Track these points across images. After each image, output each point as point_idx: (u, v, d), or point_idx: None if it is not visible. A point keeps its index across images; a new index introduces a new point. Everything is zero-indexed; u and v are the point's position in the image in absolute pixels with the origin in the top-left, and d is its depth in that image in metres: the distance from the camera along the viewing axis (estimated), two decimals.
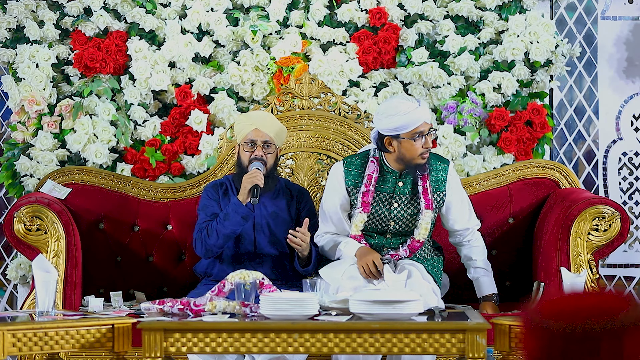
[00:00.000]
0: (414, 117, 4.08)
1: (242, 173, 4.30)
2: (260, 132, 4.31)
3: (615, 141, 5.24)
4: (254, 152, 4.29)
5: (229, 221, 4.19)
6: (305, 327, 3.42)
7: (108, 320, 3.64)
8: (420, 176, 4.16)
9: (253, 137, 4.31)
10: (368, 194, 4.16)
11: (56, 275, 3.69)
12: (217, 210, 4.30)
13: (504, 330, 3.60)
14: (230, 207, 4.22)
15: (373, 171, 4.18)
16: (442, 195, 4.24)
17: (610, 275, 5.22)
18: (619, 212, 4.31)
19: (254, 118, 4.39)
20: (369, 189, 4.16)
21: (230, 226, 4.20)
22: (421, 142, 4.10)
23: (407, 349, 3.39)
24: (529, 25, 5.00)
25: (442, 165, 4.26)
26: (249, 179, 4.21)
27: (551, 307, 1.49)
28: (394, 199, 4.21)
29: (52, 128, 4.92)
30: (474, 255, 4.33)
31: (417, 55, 4.99)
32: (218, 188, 4.39)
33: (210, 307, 3.61)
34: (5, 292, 5.19)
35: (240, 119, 4.43)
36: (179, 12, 5.09)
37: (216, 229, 4.21)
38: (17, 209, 4.29)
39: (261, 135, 4.31)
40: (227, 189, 4.39)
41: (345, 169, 4.24)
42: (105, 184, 4.74)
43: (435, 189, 4.22)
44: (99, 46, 4.98)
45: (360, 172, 4.21)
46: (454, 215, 4.30)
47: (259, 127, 4.32)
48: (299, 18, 5.05)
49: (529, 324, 1.50)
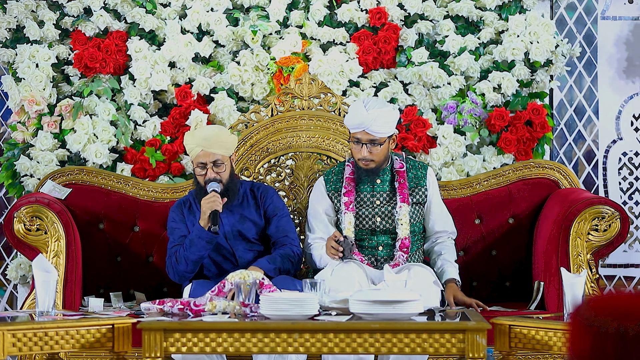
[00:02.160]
0: (350, 118, 4.26)
1: (201, 191, 4.27)
2: (208, 153, 4.24)
3: (615, 141, 5.24)
4: (205, 174, 4.24)
5: (194, 247, 4.18)
6: (305, 327, 3.42)
7: (108, 320, 3.64)
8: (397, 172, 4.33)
9: (202, 160, 4.25)
10: (349, 194, 4.31)
11: (56, 275, 3.69)
12: (185, 232, 4.29)
13: (504, 330, 3.60)
14: (193, 233, 4.19)
15: (350, 173, 4.33)
16: (423, 190, 4.35)
17: (610, 275, 5.23)
18: (619, 212, 4.31)
19: (199, 139, 4.26)
20: (349, 189, 4.31)
21: (196, 252, 4.19)
22: (358, 148, 4.23)
23: (407, 349, 3.39)
24: (529, 25, 5.00)
25: (422, 166, 4.43)
26: (208, 204, 4.16)
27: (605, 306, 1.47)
28: (375, 197, 4.32)
29: (52, 128, 4.92)
30: (443, 251, 4.37)
31: (417, 55, 4.99)
32: (182, 207, 4.36)
33: (210, 307, 3.61)
34: (5, 292, 5.19)
35: (187, 140, 4.31)
36: (179, 12, 5.09)
37: (184, 256, 4.20)
38: (17, 209, 4.29)
39: (209, 156, 4.24)
40: (191, 205, 4.35)
41: (325, 177, 4.41)
42: (105, 184, 4.74)
43: (415, 185, 4.35)
44: (99, 46, 4.98)
45: (339, 179, 4.36)
46: (434, 216, 4.39)
47: (205, 148, 4.23)
48: (299, 18, 5.05)
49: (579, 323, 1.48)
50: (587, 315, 1.48)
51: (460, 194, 4.77)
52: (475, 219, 4.71)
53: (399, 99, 5.01)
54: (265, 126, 4.80)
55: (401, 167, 4.35)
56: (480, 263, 4.67)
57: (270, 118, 4.80)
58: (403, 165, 4.35)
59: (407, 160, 4.41)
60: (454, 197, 4.72)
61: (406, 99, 5.02)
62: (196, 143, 4.26)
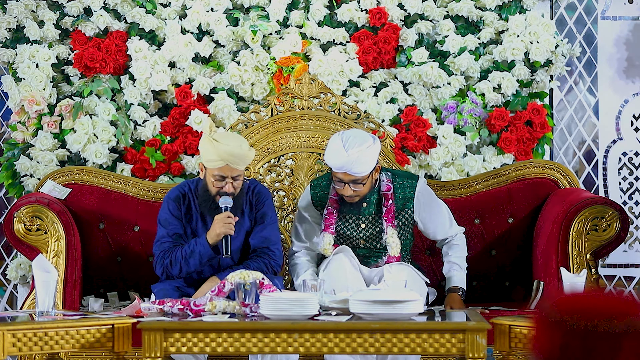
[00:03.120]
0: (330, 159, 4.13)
1: (208, 200, 4.14)
2: (232, 169, 4.09)
3: (615, 141, 5.24)
4: (222, 187, 4.10)
5: (194, 260, 4.11)
6: (305, 327, 3.42)
7: (108, 320, 3.64)
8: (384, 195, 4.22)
9: (224, 173, 4.08)
10: (331, 215, 4.24)
11: (56, 275, 3.69)
12: (180, 230, 4.19)
13: (504, 330, 3.60)
14: (198, 247, 4.09)
15: (335, 194, 4.24)
16: (409, 212, 4.26)
17: (610, 275, 5.22)
18: (619, 212, 4.31)
19: (223, 153, 4.04)
20: (330, 211, 4.24)
21: (194, 266, 4.13)
22: (340, 186, 4.14)
23: (407, 349, 3.39)
24: (529, 25, 5.00)
25: (409, 182, 4.27)
26: (223, 228, 4.04)
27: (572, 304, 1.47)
28: (361, 220, 4.25)
29: (52, 128, 4.92)
30: (451, 251, 4.36)
31: (417, 55, 4.99)
32: (180, 202, 4.21)
33: (210, 307, 3.61)
34: (5, 292, 5.19)
35: (209, 149, 4.07)
36: (179, 12, 5.09)
37: (180, 264, 4.12)
38: (17, 209, 4.29)
39: (232, 171, 4.09)
40: (189, 203, 4.23)
41: (313, 189, 4.32)
42: (105, 184, 4.74)
43: (402, 207, 4.24)
44: (99, 46, 4.98)
45: (325, 194, 4.29)
46: (432, 229, 4.34)
47: (231, 164, 4.07)
48: (299, 18, 5.05)
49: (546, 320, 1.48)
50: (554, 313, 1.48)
51: (460, 193, 4.77)
52: (475, 219, 4.70)
53: (399, 99, 5.01)
54: (265, 126, 4.80)
55: (388, 189, 4.23)
56: (480, 263, 4.66)
57: (270, 118, 4.80)
58: (390, 187, 4.23)
59: (394, 178, 4.26)
60: (454, 197, 4.72)
61: (406, 99, 5.02)
62: (220, 157, 4.05)
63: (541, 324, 1.49)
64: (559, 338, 1.46)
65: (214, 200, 4.14)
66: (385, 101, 5.00)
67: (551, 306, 1.48)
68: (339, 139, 4.10)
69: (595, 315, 1.44)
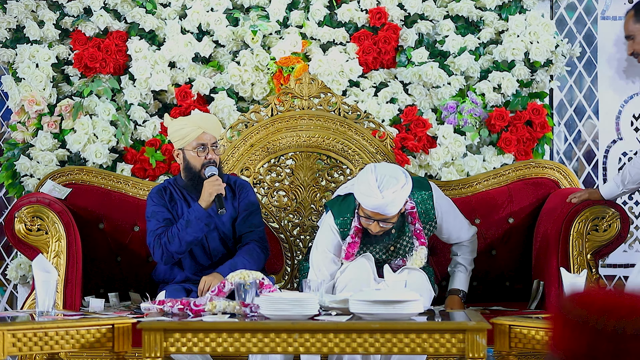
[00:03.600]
0: (364, 200, 3.95)
1: (194, 178, 4.25)
2: (209, 135, 4.26)
3: (615, 141, 5.24)
4: (206, 156, 4.24)
5: (191, 228, 4.16)
6: (305, 327, 3.42)
7: (108, 320, 3.64)
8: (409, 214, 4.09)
9: (203, 141, 4.24)
10: (354, 245, 4.08)
11: (56, 275, 3.69)
12: (169, 215, 4.27)
13: (504, 330, 3.60)
14: (192, 214, 4.17)
15: (360, 223, 4.06)
16: (432, 223, 4.22)
17: (610, 275, 5.22)
18: (619, 212, 4.31)
19: (199, 121, 4.29)
20: (355, 241, 4.08)
21: (193, 233, 4.17)
22: (369, 222, 4.01)
23: (407, 349, 3.39)
24: (529, 25, 5.00)
25: (426, 194, 4.19)
26: (214, 187, 4.16)
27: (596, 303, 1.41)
28: (390, 244, 4.16)
29: (52, 128, 4.92)
30: (460, 252, 4.35)
31: (417, 55, 4.99)
32: (163, 193, 4.33)
33: (210, 307, 3.61)
34: (5, 292, 5.19)
35: (184, 124, 4.28)
36: (179, 12, 5.09)
37: (178, 236, 4.17)
38: (18, 209, 4.29)
39: (209, 138, 4.26)
40: (172, 193, 4.33)
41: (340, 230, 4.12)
42: (105, 184, 4.74)
43: (425, 220, 4.19)
44: (99, 46, 4.99)
45: (347, 221, 4.11)
46: (447, 233, 4.30)
47: (207, 130, 4.26)
48: (299, 18, 5.05)
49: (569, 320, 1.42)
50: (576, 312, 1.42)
51: (460, 193, 4.77)
52: (475, 219, 4.70)
53: (399, 99, 5.01)
54: (265, 126, 4.80)
55: (412, 208, 4.10)
56: (480, 263, 4.66)
57: (270, 118, 4.80)
58: (414, 206, 4.11)
59: (412, 193, 4.08)
60: (454, 197, 4.71)
61: (406, 99, 5.02)
62: (196, 125, 4.25)
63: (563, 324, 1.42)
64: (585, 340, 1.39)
65: (199, 176, 4.24)
66: (385, 101, 5.00)
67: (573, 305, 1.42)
68: (373, 177, 3.93)
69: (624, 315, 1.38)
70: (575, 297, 1.43)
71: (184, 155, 4.28)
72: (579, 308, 1.41)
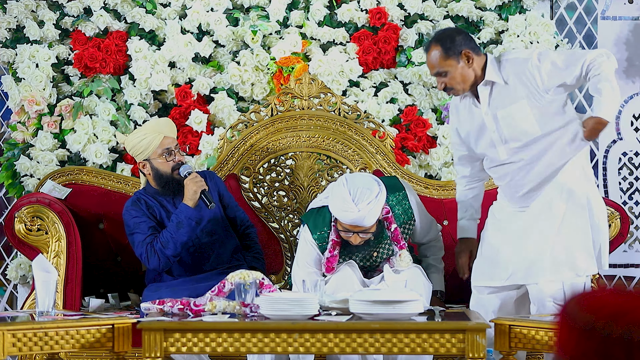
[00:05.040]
0: (340, 215, 3.92)
1: (168, 182, 4.26)
2: (170, 138, 4.30)
3: (615, 141, 5.24)
4: (175, 160, 4.27)
5: (183, 229, 4.17)
6: (305, 327, 3.42)
7: (108, 320, 3.64)
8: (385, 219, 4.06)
9: (167, 145, 4.28)
10: (333, 259, 4.06)
11: (56, 275, 3.69)
12: (152, 223, 4.26)
13: (504, 330, 3.60)
14: (181, 215, 4.18)
15: (337, 236, 4.03)
16: (412, 222, 4.20)
17: (610, 275, 5.23)
18: (619, 212, 4.31)
19: (157, 127, 4.32)
20: (334, 254, 4.05)
21: (186, 233, 4.18)
22: (348, 235, 3.98)
23: (407, 349, 3.39)
24: (529, 25, 5.00)
25: (401, 194, 4.16)
26: (197, 184, 4.19)
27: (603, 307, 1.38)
28: (372, 251, 4.14)
29: (52, 128, 4.92)
30: (429, 253, 4.34)
31: (417, 55, 4.99)
32: (138, 204, 4.31)
33: (210, 307, 3.61)
34: (5, 292, 5.19)
35: (143, 134, 4.28)
36: (179, 12, 5.09)
37: (172, 239, 4.17)
38: (18, 209, 4.29)
39: (171, 140, 4.30)
40: (146, 202, 4.32)
41: (319, 244, 4.10)
42: (105, 184, 4.74)
43: (405, 220, 4.17)
44: (99, 46, 4.99)
45: (324, 235, 4.09)
46: (419, 234, 4.28)
47: (167, 133, 4.30)
48: (299, 18, 5.05)
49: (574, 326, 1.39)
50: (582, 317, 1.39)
51: None
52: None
53: (399, 99, 5.01)
54: (265, 126, 4.80)
55: (387, 212, 4.06)
56: None
57: (270, 118, 4.81)
58: (389, 210, 4.08)
59: (387, 198, 4.02)
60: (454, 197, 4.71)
61: (406, 99, 5.02)
62: (155, 131, 4.28)
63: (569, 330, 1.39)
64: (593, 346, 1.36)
65: (173, 179, 4.26)
66: (385, 101, 5.00)
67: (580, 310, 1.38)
68: (346, 191, 3.90)
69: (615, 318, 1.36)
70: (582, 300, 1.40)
71: (150, 164, 4.29)
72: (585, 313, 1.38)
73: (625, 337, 1.35)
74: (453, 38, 3.87)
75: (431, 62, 3.88)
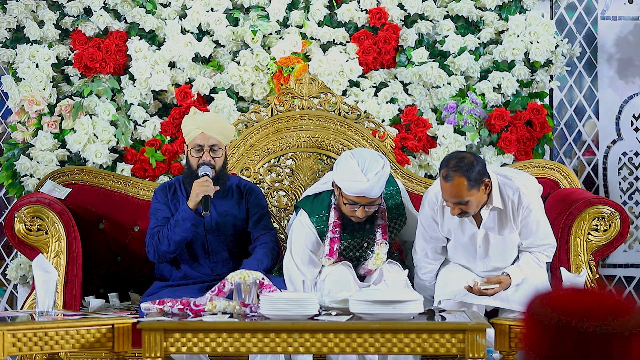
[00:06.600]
0: (349, 187, 3.99)
1: (191, 176, 4.26)
2: (207, 136, 4.24)
3: (615, 141, 5.24)
4: (201, 157, 4.24)
5: (179, 228, 4.17)
6: (305, 327, 3.42)
7: (108, 320, 3.64)
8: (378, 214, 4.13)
9: (200, 142, 4.25)
10: (336, 240, 4.10)
11: (56, 275, 3.69)
12: (168, 214, 4.28)
13: (504, 330, 3.60)
14: (179, 214, 4.19)
15: (337, 218, 4.10)
16: (403, 219, 4.24)
17: (610, 275, 5.22)
18: (619, 212, 4.31)
19: (199, 121, 4.27)
20: (336, 236, 4.10)
21: (180, 233, 4.18)
22: (353, 209, 4.03)
23: (407, 349, 3.39)
24: (529, 25, 5.00)
25: (394, 189, 4.23)
26: (202, 187, 4.15)
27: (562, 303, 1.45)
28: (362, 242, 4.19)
29: (52, 128, 4.92)
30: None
31: (417, 55, 4.99)
32: (167, 190, 4.34)
33: (210, 307, 3.61)
34: (5, 292, 5.19)
35: (187, 122, 4.31)
36: (179, 12, 5.09)
37: (167, 236, 4.19)
38: (17, 209, 4.29)
39: (208, 139, 4.24)
40: (175, 190, 4.35)
41: (317, 227, 4.14)
42: (105, 184, 4.74)
43: (396, 215, 4.21)
44: (99, 46, 4.98)
45: (323, 218, 4.14)
46: (409, 233, 4.31)
47: (205, 130, 4.24)
48: (299, 18, 5.05)
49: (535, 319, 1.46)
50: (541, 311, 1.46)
51: None
52: None
53: (399, 99, 5.01)
54: (265, 126, 4.80)
55: (382, 204, 4.15)
56: None
57: (270, 118, 4.81)
58: (383, 202, 4.16)
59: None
60: None
61: (406, 99, 5.02)
62: (196, 125, 4.25)
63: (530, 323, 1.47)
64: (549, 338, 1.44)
65: (193, 175, 4.24)
66: (385, 101, 5.00)
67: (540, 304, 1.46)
68: (354, 162, 4.00)
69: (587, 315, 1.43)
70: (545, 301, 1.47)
71: (187, 153, 4.31)
72: (554, 312, 1.45)
73: (599, 331, 1.42)
74: (474, 168, 3.88)
75: (455, 193, 3.89)
